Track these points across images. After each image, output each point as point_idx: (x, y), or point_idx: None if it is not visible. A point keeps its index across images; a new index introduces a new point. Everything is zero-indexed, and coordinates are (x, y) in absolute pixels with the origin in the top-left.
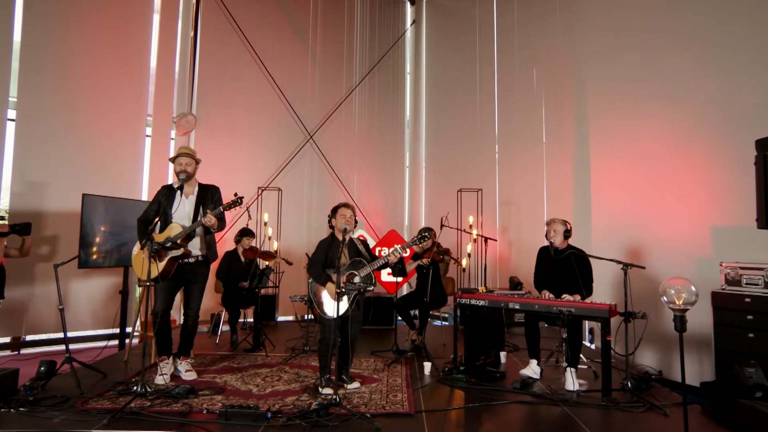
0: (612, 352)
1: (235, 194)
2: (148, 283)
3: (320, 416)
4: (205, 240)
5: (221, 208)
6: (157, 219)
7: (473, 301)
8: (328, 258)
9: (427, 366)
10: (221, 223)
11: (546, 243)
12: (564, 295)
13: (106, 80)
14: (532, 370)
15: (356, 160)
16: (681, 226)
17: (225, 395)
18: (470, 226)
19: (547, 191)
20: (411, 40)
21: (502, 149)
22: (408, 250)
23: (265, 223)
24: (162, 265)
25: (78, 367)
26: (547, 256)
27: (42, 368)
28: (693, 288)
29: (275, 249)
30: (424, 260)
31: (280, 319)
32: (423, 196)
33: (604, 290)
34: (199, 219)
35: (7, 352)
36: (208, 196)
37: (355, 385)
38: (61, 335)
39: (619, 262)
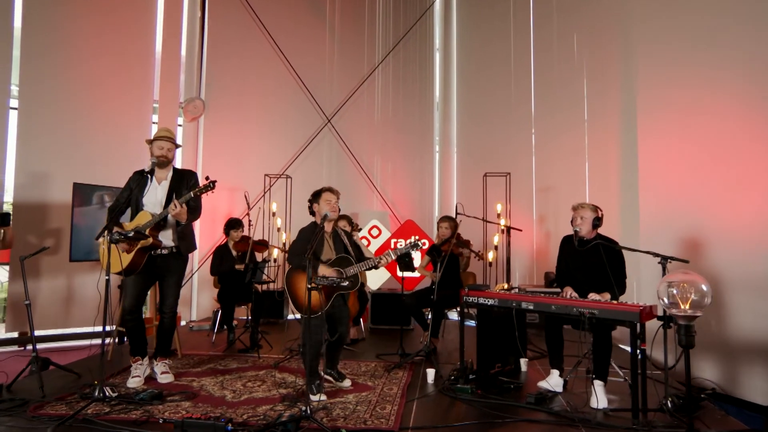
0: (651, 363)
1: (207, 177)
2: (106, 277)
3: (287, 429)
4: (177, 230)
5: (190, 194)
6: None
7: (481, 300)
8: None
9: (431, 373)
10: (193, 213)
11: (569, 233)
12: (590, 294)
13: (110, 65)
14: (553, 382)
15: (379, 145)
16: (748, 213)
17: (194, 402)
18: (497, 215)
19: (589, 175)
20: (440, 11)
21: (538, 129)
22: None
23: (273, 214)
24: (129, 257)
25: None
26: (571, 247)
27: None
28: (704, 287)
29: (283, 241)
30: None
31: (291, 317)
32: (455, 182)
33: (648, 289)
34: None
35: (14, 348)
36: (183, 182)
37: (347, 383)
38: (69, 331)
39: (656, 255)
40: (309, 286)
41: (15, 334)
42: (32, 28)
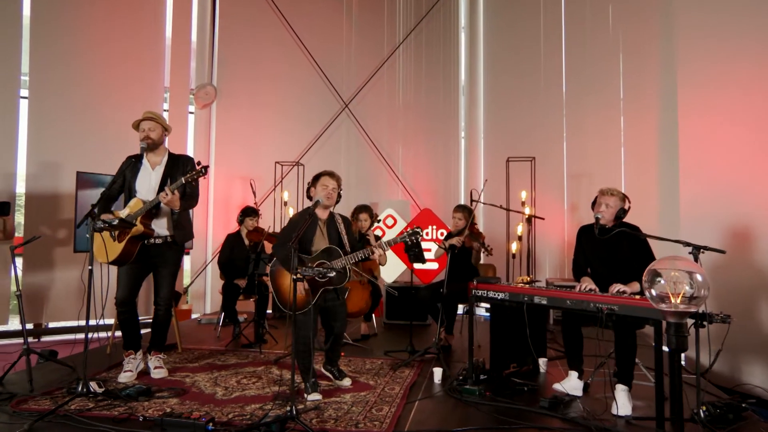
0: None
1: (198, 163)
2: (89, 267)
3: (271, 430)
4: (172, 218)
5: (182, 180)
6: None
7: (491, 294)
8: (302, 239)
9: (438, 372)
10: (189, 200)
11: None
12: (615, 286)
13: (120, 51)
14: (570, 385)
15: (401, 132)
16: None
17: (182, 399)
18: (522, 203)
19: (625, 159)
20: None
21: (569, 110)
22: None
23: (285, 203)
24: (120, 246)
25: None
26: (590, 236)
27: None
28: (700, 276)
29: None
30: (455, 240)
31: None
32: (482, 170)
33: None
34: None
35: (29, 339)
36: (179, 168)
37: (347, 382)
38: (82, 323)
39: (686, 244)
40: (294, 277)
41: (30, 326)
42: (41, 16)
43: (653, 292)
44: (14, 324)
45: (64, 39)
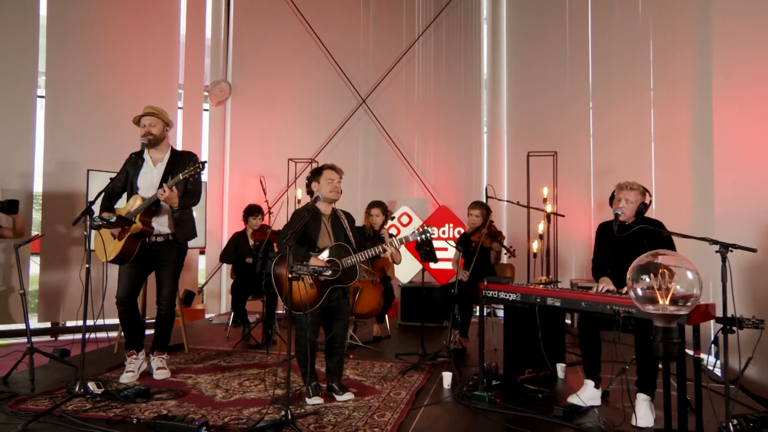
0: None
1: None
2: (87, 265)
3: None
4: (173, 216)
5: (179, 176)
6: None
7: (502, 295)
8: (307, 234)
9: (447, 377)
10: (189, 197)
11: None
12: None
13: (134, 48)
14: (586, 395)
15: (420, 127)
16: None
17: (181, 401)
18: (543, 200)
19: (655, 154)
20: None
21: (595, 101)
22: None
23: (299, 201)
24: (119, 244)
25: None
26: (609, 234)
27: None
28: (690, 274)
29: None
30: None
31: None
32: (505, 166)
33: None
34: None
35: (47, 338)
36: (180, 165)
37: (348, 396)
38: (90, 322)
39: (713, 242)
40: (289, 276)
41: (47, 325)
42: (57, 14)
43: (637, 292)
44: (32, 322)
45: (79, 36)
